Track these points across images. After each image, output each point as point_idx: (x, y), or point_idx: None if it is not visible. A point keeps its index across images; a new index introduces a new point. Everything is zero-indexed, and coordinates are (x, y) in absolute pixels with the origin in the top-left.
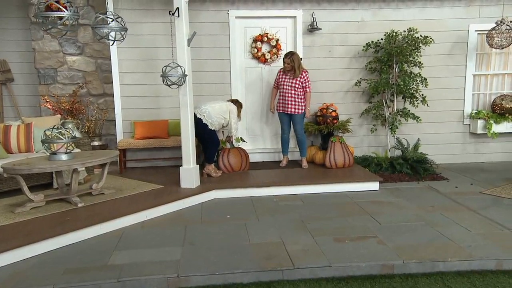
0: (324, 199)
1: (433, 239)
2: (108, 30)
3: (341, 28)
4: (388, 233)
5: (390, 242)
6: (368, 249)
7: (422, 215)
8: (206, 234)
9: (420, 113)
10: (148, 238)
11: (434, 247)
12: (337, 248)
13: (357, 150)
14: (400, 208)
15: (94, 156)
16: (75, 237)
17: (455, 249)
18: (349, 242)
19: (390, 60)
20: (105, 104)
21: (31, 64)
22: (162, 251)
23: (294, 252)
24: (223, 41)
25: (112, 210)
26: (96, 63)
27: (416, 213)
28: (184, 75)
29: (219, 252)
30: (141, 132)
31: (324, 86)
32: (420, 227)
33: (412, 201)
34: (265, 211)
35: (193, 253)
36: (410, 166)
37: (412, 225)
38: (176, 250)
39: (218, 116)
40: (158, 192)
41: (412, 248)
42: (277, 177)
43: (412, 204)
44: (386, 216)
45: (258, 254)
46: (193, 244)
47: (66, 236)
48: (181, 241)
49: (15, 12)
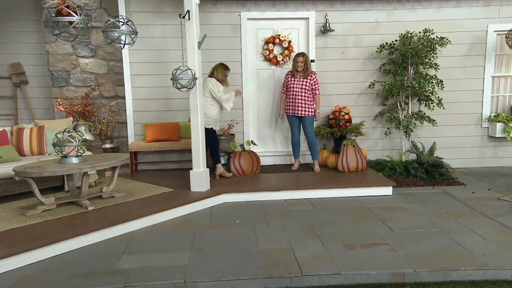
0: (335, 204)
1: (447, 247)
2: (119, 34)
3: (355, 29)
4: (400, 240)
5: (401, 250)
6: (378, 256)
7: (436, 222)
8: (215, 239)
9: (436, 116)
10: (157, 242)
11: (447, 255)
12: (347, 255)
13: (371, 153)
14: (413, 214)
15: (104, 159)
16: (84, 241)
17: (469, 258)
18: (359, 249)
19: (405, 62)
20: (117, 106)
21: (44, 66)
22: (170, 256)
23: (303, 259)
24: (234, 43)
25: (121, 214)
26: (108, 65)
27: (429, 219)
28: (194, 78)
29: (227, 257)
30: (152, 134)
31: (337, 88)
32: (433, 234)
33: (426, 206)
34: (274, 215)
35: (201, 258)
36: (425, 170)
37: (425, 232)
38: (184, 255)
39: (207, 106)
40: (168, 195)
41: (424, 256)
42: (288, 181)
43: (426, 210)
44: (398, 222)
45: (266, 260)
46: (201, 249)
47: (75, 240)
48: (189, 246)
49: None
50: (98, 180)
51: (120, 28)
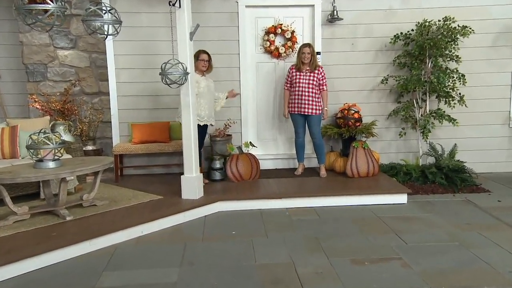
0: (343, 213)
1: (468, 262)
2: (101, 24)
3: (366, 17)
4: (414, 255)
5: (416, 266)
6: (390, 273)
7: (456, 234)
8: (208, 253)
9: (457, 114)
10: (143, 256)
11: (468, 272)
12: (355, 271)
13: (383, 156)
14: (430, 225)
15: (85, 163)
16: (61, 255)
17: (493, 275)
18: (369, 265)
19: (422, 54)
20: (100, 103)
21: (18, 59)
22: (157, 272)
23: (305, 275)
24: (231, 34)
25: (104, 224)
26: (91, 58)
27: (449, 231)
28: (185, 73)
29: (220, 273)
30: (140, 135)
31: (346, 83)
32: (452, 248)
33: (446, 217)
34: (275, 226)
35: (192, 274)
36: (445, 175)
37: (443, 246)
38: (173, 271)
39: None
40: (157, 203)
41: (441, 273)
42: (290, 187)
43: (445, 220)
44: (413, 235)
45: (264, 276)
46: (193, 264)
47: (51, 254)
48: (179, 261)
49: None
50: (78, 186)
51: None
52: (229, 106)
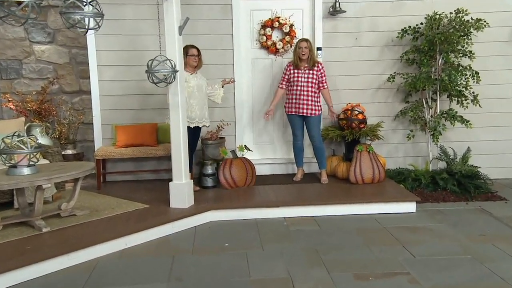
0: (346, 224)
1: (481, 277)
2: (80, 17)
3: (371, 10)
4: (423, 269)
5: (425, 281)
6: None
7: (469, 246)
8: (198, 267)
9: (471, 115)
10: (127, 271)
11: None
12: (358, 287)
13: (390, 161)
14: (441, 236)
15: (64, 169)
16: (37, 271)
17: None
18: (373, 280)
19: (432, 49)
20: (81, 103)
21: None
22: None
23: None
24: (224, 28)
25: (84, 236)
26: (70, 53)
27: (461, 243)
28: (174, 70)
29: None
30: (124, 138)
31: (349, 82)
32: (465, 262)
33: (458, 227)
34: (272, 237)
35: None
36: (457, 182)
37: (455, 259)
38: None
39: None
40: (143, 213)
41: None
42: (289, 195)
43: (457, 231)
44: (422, 247)
45: None
46: (181, 280)
47: (25, 270)
48: (166, 276)
49: None
50: (56, 194)
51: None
52: (222, 106)
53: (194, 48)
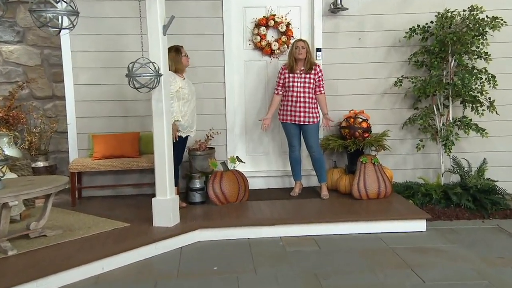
0: (348, 244)
1: None
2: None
3: (376, 7)
4: None
5: None
6: None
7: (485, 270)
8: None
9: (487, 123)
10: None
11: None
12: None
13: (398, 174)
14: (454, 259)
15: (33, 184)
16: None
17: None
18: None
19: (443, 50)
20: (55, 110)
21: None
22: None
23: None
24: (214, 27)
25: (55, 260)
26: (42, 54)
27: (476, 267)
28: (158, 74)
29: None
30: (102, 149)
31: (352, 86)
32: None
33: (473, 248)
34: (266, 259)
35: None
36: (472, 197)
37: (469, 285)
38: None
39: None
40: (122, 232)
41: None
42: (285, 211)
43: (472, 253)
44: (433, 271)
45: None
46: None
47: None
48: None
49: None
50: (25, 212)
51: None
52: (211, 113)
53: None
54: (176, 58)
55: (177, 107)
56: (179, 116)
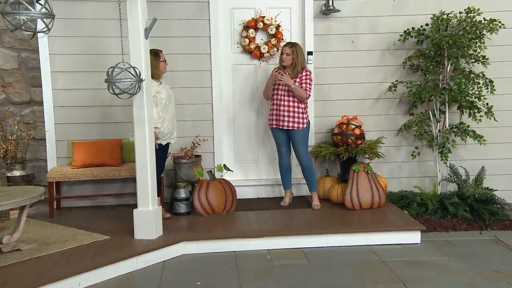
0: (339, 257)
1: None
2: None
3: (369, 9)
4: None
5: None
6: None
7: (481, 285)
8: None
9: (484, 130)
10: None
11: None
12: None
13: (393, 182)
14: (448, 272)
15: (7, 195)
16: None
17: None
18: None
19: (439, 54)
20: (33, 116)
21: None
22: None
23: None
24: (200, 29)
25: (29, 276)
26: (20, 57)
27: (473, 281)
28: (139, 80)
29: None
30: (82, 157)
31: (344, 91)
32: None
33: (469, 261)
34: (252, 274)
35: None
36: (469, 207)
37: None
38: None
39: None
40: (102, 246)
41: None
42: (274, 223)
43: (468, 266)
44: (427, 285)
45: None
46: None
47: None
48: None
49: None
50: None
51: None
52: (197, 120)
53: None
54: (154, 62)
55: (156, 113)
56: (158, 123)
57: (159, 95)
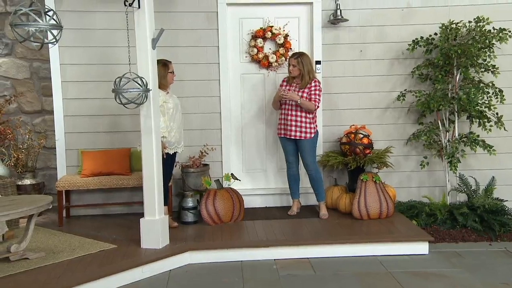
0: (345, 267)
1: None
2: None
3: (377, 18)
4: None
5: None
6: None
7: None
8: None
9: (495, 139)
10: None
11: None
12: None
13: (402, 192)
14: (455, 285)
15: (14, 204)
16: None
17: None
18: None
19: (448, 63)
20: (44, 125)
21: None
22: None
23: None
24: (209, 39)
25: (35, 285)
26: (31, 67)
27: None
28: (146, 89)
29: None
30: (92, 166)
31: (353, 100)
32: None
33: (477, 273)
34: (257, 284)
35: None
36: (479, 218)
37: None
38: None
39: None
40: (108, 255)
41: None
42: (281, 232)
43: (476, 278)
44: None
45: None
46: None
47: None
48: None
49: None
50: (9, 233)
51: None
52: (206, 129)
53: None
54: (162, 72)
55: (163, 123)
56: (166, 132)
57: (166, 105)
